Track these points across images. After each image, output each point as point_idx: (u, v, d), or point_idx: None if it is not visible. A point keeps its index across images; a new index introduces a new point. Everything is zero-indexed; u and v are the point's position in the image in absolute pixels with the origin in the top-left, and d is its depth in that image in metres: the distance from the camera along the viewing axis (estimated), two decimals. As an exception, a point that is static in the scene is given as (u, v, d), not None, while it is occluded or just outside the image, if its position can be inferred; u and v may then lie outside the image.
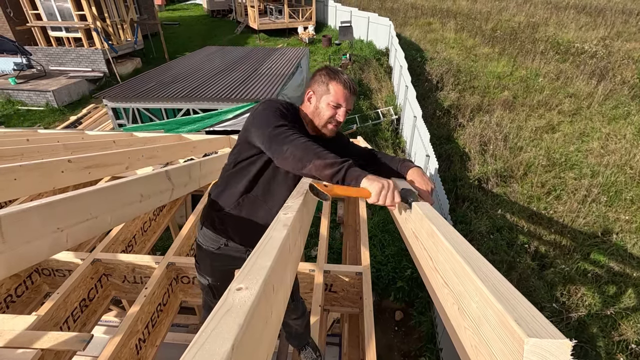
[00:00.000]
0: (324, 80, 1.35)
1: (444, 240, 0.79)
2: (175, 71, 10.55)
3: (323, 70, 1.38)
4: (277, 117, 1.25)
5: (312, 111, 1.38)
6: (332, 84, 1.33)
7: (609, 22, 15.40)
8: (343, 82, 1.33)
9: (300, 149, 1.11)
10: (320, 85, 1.35)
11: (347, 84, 1.34)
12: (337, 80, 1.33)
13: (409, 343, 5.18)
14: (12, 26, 14.88)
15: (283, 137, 1.16)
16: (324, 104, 1.34)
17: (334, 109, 1.34)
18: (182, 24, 25.45)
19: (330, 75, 1.35)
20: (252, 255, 0.67)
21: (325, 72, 1.36)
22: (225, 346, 0.42)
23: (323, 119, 1.36)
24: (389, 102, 11.55)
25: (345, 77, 1.35)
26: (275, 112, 1.27)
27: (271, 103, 1.33)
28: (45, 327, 1.88)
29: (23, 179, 1.53)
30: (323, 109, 1.35)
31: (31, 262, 0.99)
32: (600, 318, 4.96)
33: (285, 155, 1.13)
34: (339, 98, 1.33)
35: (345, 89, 1.33)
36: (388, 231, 6.55)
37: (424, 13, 20.24)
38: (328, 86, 1.33)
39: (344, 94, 1.33)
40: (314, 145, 1.12)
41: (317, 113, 1.37)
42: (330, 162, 1.06)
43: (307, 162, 1.08)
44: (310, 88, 1.39)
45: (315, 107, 1.37)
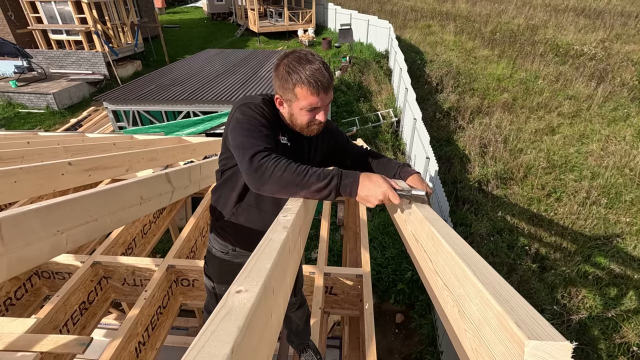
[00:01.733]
0: (287, 86, 1.11)
1: (444, 242, 0.79)
2: (175, 74, 10.58)
3: (282, 67, 1.12)
4: (251, 136, 1.08)
5: (288, 116, 1.20)
6: (297, 89, 1.10)
7: (608, 25, 15.45)
8: (308, 83, 1.08)
9: (283, 182, 0.99)
10: (286, 90, 1.13)
11: (313, 82, 1.08)
12: (300, 83, 1.08)
13: (410, 346, 5.16)
14: (13, 29, 14.94)
15: (261, 173, 1.00)
16: (297, 110, 1.15)
17: (310, 112, 1.15)
18: (182, 27, 25.54)
19: (292, 74, 1.09)
20: (252, 257, 0.67)
21: (286, 69, 1.11)
22: (224, 349, 0.42)
23: (302, 124, 1.19)
24: (388, 105, 11.57)
25: (309, 73, 1.08)
26: (250, 128, 1.10)
27: (248, 111, 1.14)
28: (44, 330, 1.87)
29: (23, 182, 1.54)
30: (298, 115, 1.16)
31: (31, 265, 0.98)
32: (602, 320, 4.94)
33: (269, 191, 1.03)
34: (311, 102, 1.11)
35: (314, 87, 1.08)
36: (388, 233, 6.54)
37: (423, 16, 20.31)
38: (294, 91, 1.11)
39: (314, 96, 1.10)
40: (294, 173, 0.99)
41: (293, 119, 1.19)
42: (316, 188, 0.98)
43: (292, 193, 1.01)
44: (277, 90, 1.17)
45: (289, 113, 1.18)
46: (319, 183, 0.98)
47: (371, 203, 1.00)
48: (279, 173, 0.99)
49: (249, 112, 1.13)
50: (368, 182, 0.99)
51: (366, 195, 0.99)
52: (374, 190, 0.98)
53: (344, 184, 0.99)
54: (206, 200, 3.13)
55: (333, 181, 0.99)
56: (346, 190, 0.99)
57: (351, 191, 0.99)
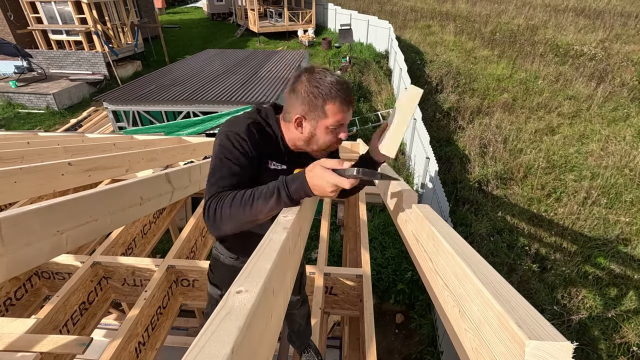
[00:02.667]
0: (315, 103, 1.03)
1: (444, 242, 0.79)
2: (175, 74, 10.58)
3: (306, 83, 1.04)
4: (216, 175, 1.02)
5: (305, 138, 1.11)
6: (329, 106, 1.03)
7: (607, 25, 15.46)
8: (340, 98, 1.03)
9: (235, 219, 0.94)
10: (312, 109, 1.05)
11: (344, 96, 1.04)
12: (332, 100, 1.03)
13: (410, 346, 5.16)
14: (13, 29, 14.94)
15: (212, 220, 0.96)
16: (321, 130, 1.07)
17: (334, 131, 1.09)
18: (182, 27, 25.55)
19: (321, 91, 1.02)
20: (252, 257, 0.67)
21: (311, 88, 1.03)
22: (225, 349, 0.42)
23: (323, 145, 1.11)
24: (388, 105, 11.58)
25: (338, 87, 1.03)
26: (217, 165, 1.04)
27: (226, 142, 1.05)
28: (44, 330, 1.87)
29: (23, 182, 1.54)
30: (322, 135, 1.09)
31: (31, 265, 0.98)
32: (602, 320, 4.94)
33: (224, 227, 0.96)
34: (339, 119, 1.06)
35: (344, 103, 1.04)
36: (388, 233, 6.54)
37: (423, 16, 20.32)
38: (324, 109, 1.04)
39: (343, 112, 1.05)
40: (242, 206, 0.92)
41: (314, 141, 1.11)
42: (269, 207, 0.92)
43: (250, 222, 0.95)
44: (296, 109, 1.07)
45: (310, 134, 1.09)
46: (269, 202, 0.92)
47: (330, 196, 0.92)
48: (227, 212, 0.93)
49: (227, 144, 1.05)
50: (313, 178, 0.90)
51: (320, 191, 0.90)
52: (321, 184, 0.89)
53: (293, 191, 0.92)
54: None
55: (282, 193, 0.92)
56: (300, 194, 0.92)
57: (306, 192, 0.92)
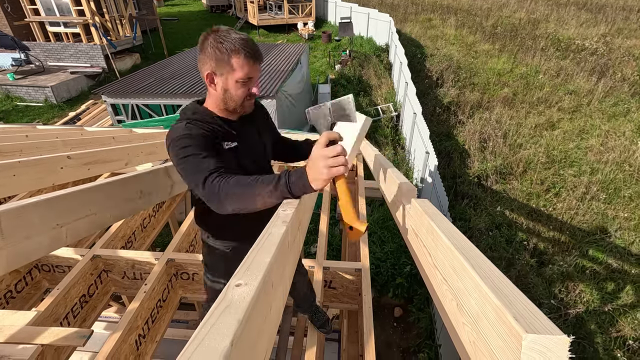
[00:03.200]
0: (221, 57, 1.11)
1: (443, 237, 0.79)
2: (174, 67, 10.51)
3: (210, 40, 1.12)
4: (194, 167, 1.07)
5: (220, 95, 1.19)
6: (234, 59, 1.11)
7: (609, 19, 15.36)
8: (244, 51, 1.11)
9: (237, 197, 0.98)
10: (219, 63, 1.12)
11: (250, 51, 1.12)
12: (236, 52, 1.11)
13: (408, 339, 5.21)
14: (10, 21, 14.80)
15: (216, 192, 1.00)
16: (232, 83, 1.16)
17: (245, 84, 1.17)
18: (181, 19, 25.32)
19: (225, 45, 1.10)
20: (252, 251, 0.68)
21: (216, 43, 1.11)
22: (224, 342, 0.42)
23: (237, 99, 1.19)
24: (388, 99, 11.53)
25: (241, 42, 1.11)
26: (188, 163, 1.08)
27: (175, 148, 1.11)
28: (45, 322, 1.88)
29: (22, 175, 1.53)
30: (233, 90, 1.17)
31: (31, 258, 0.99)
32: (598, 314, 4.98)
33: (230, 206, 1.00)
34: (247, 72, 1.14)
35: (250, 57, 1.12)
36: (387, 228, 6.56)
37: (424, 9, 20.15)
38: (230, 62, 1.12)
39: (250, 66, 1.14)
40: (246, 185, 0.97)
41: (228, 96, 1.19)
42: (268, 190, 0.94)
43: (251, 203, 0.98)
44: (206, 67, 1.15)
45: (223, 89, 1.17)
46: (268, 187, 0.95)
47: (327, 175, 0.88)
48: (230, 190, 0.98)
49: (178, 149, 1.10)
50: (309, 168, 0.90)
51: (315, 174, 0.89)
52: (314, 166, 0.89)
53: (292, 181, 0.93)
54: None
55: (281, 180, 0.94)
56: (299, 185, 0.92)
57: (304, 185, 0.92)
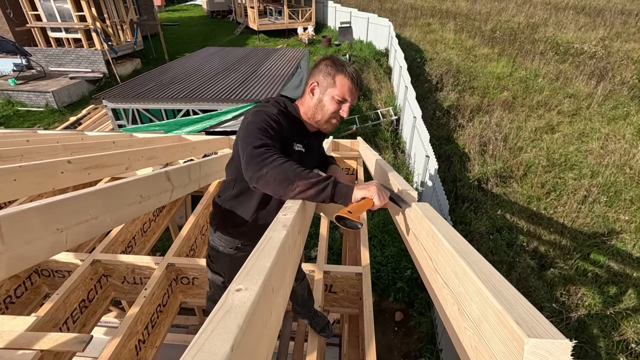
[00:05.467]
0: (329, 72, 1.26)
1: (444, 240, 0.79)
2: (175, 72, 10.55)
3: (328, 61, 1.29)
4: (261, 133, 1.14)
5: (314, 104, 1.31)
6: (339, 77, 1.25)
7: (608, 23, 15.42)
8: (350, 75, 1.26)
9: (281, 172, 1.03)
10: (326, 77, 1.27)
11: (354, 77, 1.27)
12: (344, 74, 1.25)
13: (409, 344, 5.18)
14: (11, 27, 14.88)
15: (261, 160, 1.05)
16: (329, 98, 1.27)
17: (339, 103, 1.28)
18: (181, 24, 25.46)
19: (337, 67, 1.26)
20: (252, 255, 0.67)
21: (331, 63, 1.27)
22: (224, 347, 0.42)
23: (327, 113, 1.29)
24: (388, 103, 11.56)
25: (352, 70, 1.27)
26: (261, 127, 1.15)
27: (259, 114, 1.20)
28: (44, 328, 1.87)
29: (23, 180, 1.53)
30: (327, 103, 1.28)
31: (31, 263, 0.98)
32: (600, 318, 4.96)
33: (266, 179, 1.04)
34: (345, 92, 1.26)
35: (352, 83, 1.26)
36: (388, 232, 6.55)
37: (423, 14, 20.26)
38: (335, 79, 1.25)
39: (350, 88, 1.26)
40: (294, 166, 1.04)
41: (320, 107, 1.29)
42: (315, 181, 1.02)
43: (289, 184, 1.02)
44: (313, 79, 1.30)
45: (319, 99, 1.29)
46: (314, 179, 1.03)
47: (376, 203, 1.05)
48: (279, 164, 1.04)
49: (262, 117, 1.19)
50: (363, 187, 1.05)
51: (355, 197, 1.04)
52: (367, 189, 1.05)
53: (340, 186, 1.04)
54: (206, 198, 3.13)
55: (330, 179, 1.04)
56: (343, 192, 1.04)
57: (347, 194, 1.04)
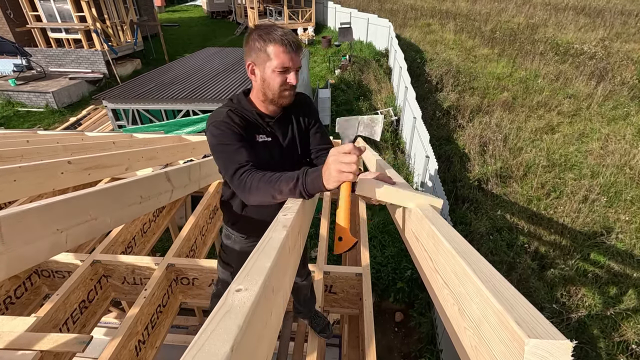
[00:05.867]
0: (259, 47, 1.18)
1: (444, 241, 0.78)
2: (175, 72, 10.56)
3: (253, 34, 1.20)
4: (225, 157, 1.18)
5: (259, 85, 1.24)
6: (270, 47, 1.17)
7: (608, 23, 15.44)
8: (280, 40, 1.16)
9: (259, 191, 1.09)
10: (258, 53, 1.19)
11: (286, 41, 1.17)
12: (273, 42, 1.16)
13: (409, 344, 5.17)
14: (11, 27, 14.89)
15: (241, 188, 1.13)
16: (269, 73, 1.20)
17: (282, 74, 1.20)
18: (181, 25, 25.48)
19: (264, 37, 1.17)
20: (252, 256, 0.67)
21: (256, 36, 1.19)
22: (224, 347, 0.42)
23: (275, 89, 1.22)
24: (388, 103, 11.56)
25: (280, 33, 1.17)
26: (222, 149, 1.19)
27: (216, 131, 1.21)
28: (44, 328, 1.87)
29: (23, 181, 1.53)
30: (270, 79, 1.21)
31: (31, 264, 0.98)
32: (601, 319, 4.95)
33: (253, 200, 1.14)
34: (283, 61, 1.18)
35: (287, 47, 1.17)
36: (388, 232, 6.55)
37: (423, 14, 20.27)
38: (266, 51, 1.17)
39: (287, 55, 1.17)
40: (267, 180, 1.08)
41: (266, 85, 1.23)
42: (287, 188, 1.04)
43: (271, 197, 1.09)
44: (248, 59, 1.22)
45: (261, 79, 1.22)
46: (288, 185, 1.03)
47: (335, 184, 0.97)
48: (255, 184, 1.10)
49: (217, 133, 1.20)
50: (326, 169, 0.97)
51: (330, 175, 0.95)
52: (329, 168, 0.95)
53: (309, 181, 1.01)
54: (206, 199, 3.13)
55: (299, 180, 1.02)
56: (315, 184, 1.00)
57: (319, 184, 0.99)
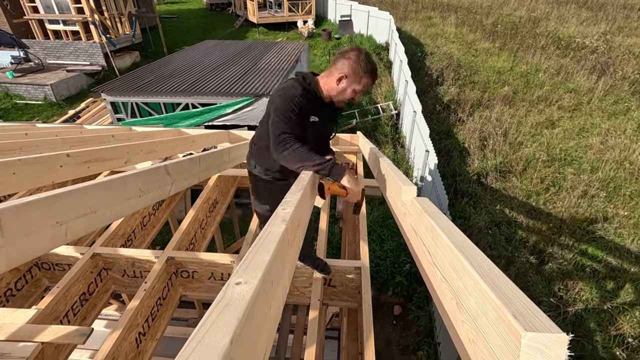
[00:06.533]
0: (358, 73, 1.59)
1: (442, 235, 0.79)
2: (174, 65, 10.49)
3: (355, 55, 1.59)
4: (284, 121, 1.54)
5: (338, 89, 1.65)
6: (365, 79, 1.61)
7: (610, 17, 15.32)
8: (373, 78, 1.63)
9: (295, 157, 1.50)
10: (354, 75, 1.60)
11: (375, 78, 1.64)
12: (369, 77, 1.61)
13: (407, 337, 5.22)
14: (9, 19, 14.74)
15: (282, 147, 1.52)
16: (351, 90, 1.64)
17: (355, 94, 1.67)
18: (180, 17, 25.23)
19: (365, 69, 1.59)
20: (251, 249, 0.68)
21: (357, 61, 1.58)
22: (224, 340, 0.43)
23: (345, 98, 1.69)
24: (388, 97, 11.51)
25: (372, 68, 1.61)
26: (285, 115, 1.54)
27: (285, 100, 1.56)
28: (45, 320, 1.89)
29: (22, 174, 1.53)
30: (349, 92, 1.65)
31: (31, 256, 0.99)
32: (598, 313, 4.99)
33: (285, 160, 1.55)
34: (363, 89, 1.66)
35: (372, 82, 1.64)
36: (387, 226, 6.56)
37: (424, 7, 20.09)
38: (361, 80, 1.61)
39: (369, 86, 1.68)
40: (304, 152, 1.50)
41: (342, 93, 1.66)
42: (318, 162, 1.48)
43: (300, 165, 1.51)
44: (343, 71, 1.60)
45: (343, 89, 1.64)
46: (319, 160, 1.48)
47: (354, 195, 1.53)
48: (291, 151, 1.51)
49: (287, 103, 1.56)
50: (351, 178, 1.51)
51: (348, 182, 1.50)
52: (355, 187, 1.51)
53: (336, 169, 1.50)
54: (206, 192, 3.13)
55: (328, 163, 1.49)
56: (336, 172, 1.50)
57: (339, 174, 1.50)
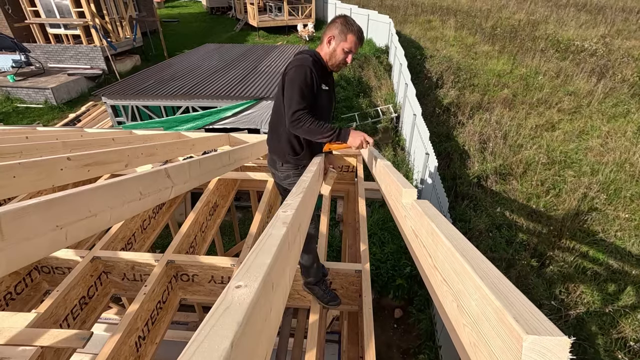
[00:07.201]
0: (343, 30, 1.74)
1: (443, 238, 0.79)
2: (174, 69, 10.52)
3: (342, 19, 1.75)
4: (299, 95, 1.66)
5: (329, 52, 1.79)
6: (349, 35, 1.74)
7: (609, 20, 15.38)
8: (357, 33, 1.75)
9: (309, 130, 1.68)
10: (340, 33, 1.74)
11: (359, 35, 1.76)
12: (353, 32, 1.75)
13: (408, 340, 5.20)
14: (10, 23, 14.81)
15: (297, 121, 1.67)
16: (340, 49, 1.77)
17: (346, 54, 1.79)
18: (181, 21, 25.36)
19: (348, 26, 1.74)
20: (252, 252, 0.67)
21: (343, 22, 1.75)
22: (224, 344, 0.42)
23: (338, 60, 1.80)
24: (388, 100, 11.53)
25: (358, 28, 1.77)
26: (300, 88, 1.65)
27: (299, 71, 1.67)
28: (45, 324, 1.88)
29: (22, 177, 1.53)
30: (339, 53, 1.78)
31: (31, 260, 0.98)
32: (599, 316, 4.97)
33: (300, 132, 1.72)
34: (352, 46, 1.76)
35: (358, 39, 1.76)
36: (387, 229, 6.55)
37: (424, 10, 20.18)
38: (346, 35, 1.74)
39: (355, 44, 1.77)
40: (317, 128, 1.67)
41: (333, 55, 1.79)
42: (329, 134, 1.70)
43: (314, 136, 1.71)
44: (330, 32, 1.77)
45: (333, 49, 1.78)
46: (329, 132, 1.70)
47: (354, 146, 1.75)
48: (308, 125, 1.68)
49: (301, 76, 1.67)
50: (353, 134, 1.76)
51: (352, 141, 1.76)
52: (355, 139, 1.75)
53: (342, 134, 1.74)
54: (206, 195, 3.13)
55: (336, 131, 1.72)
56: (343, 137, 1.74)
57: (345, 138, 1.75)
